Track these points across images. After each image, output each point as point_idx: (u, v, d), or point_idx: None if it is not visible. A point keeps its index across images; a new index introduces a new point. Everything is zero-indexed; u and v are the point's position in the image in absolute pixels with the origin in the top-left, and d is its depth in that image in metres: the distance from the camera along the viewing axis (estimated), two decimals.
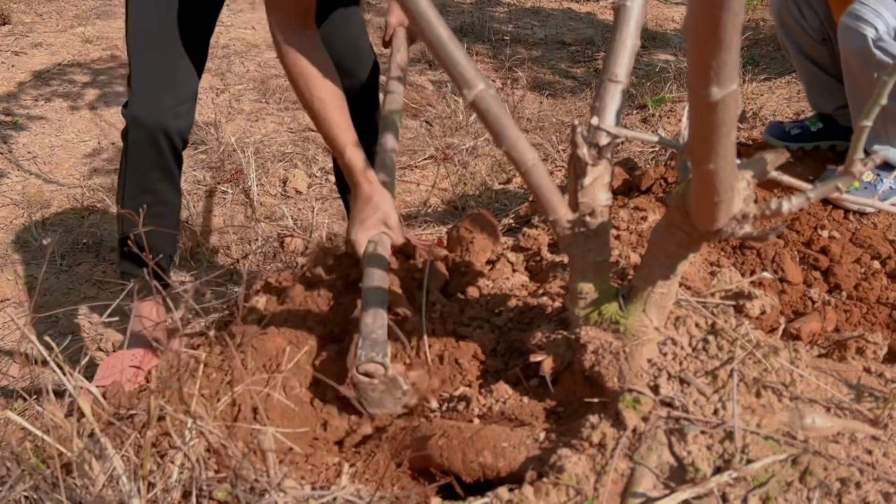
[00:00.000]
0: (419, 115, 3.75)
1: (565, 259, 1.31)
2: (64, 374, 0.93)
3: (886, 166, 1.44)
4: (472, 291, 1.28)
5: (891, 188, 1.44)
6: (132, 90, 1.50)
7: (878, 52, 1.28)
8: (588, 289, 0.99)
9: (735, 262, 1.35)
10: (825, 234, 1.40)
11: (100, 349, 2.22)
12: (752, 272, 1.32)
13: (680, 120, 2.65)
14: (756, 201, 0.86)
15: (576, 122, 0.94)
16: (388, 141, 1.52)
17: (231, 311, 1.47)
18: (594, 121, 0.91)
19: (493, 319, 1.22)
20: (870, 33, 1.28)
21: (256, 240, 2.68)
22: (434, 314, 1.22)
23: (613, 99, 0.95)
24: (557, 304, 1.20)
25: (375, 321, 1.15)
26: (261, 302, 1.31)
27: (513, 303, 1.24)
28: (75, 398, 0.90)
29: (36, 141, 3.43)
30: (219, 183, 3.10)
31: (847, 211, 1.44)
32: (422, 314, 1.21)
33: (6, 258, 2.62)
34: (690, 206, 0.83)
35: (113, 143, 3.44)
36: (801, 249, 1.38)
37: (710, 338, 0.95)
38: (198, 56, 1.55)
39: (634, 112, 3.02)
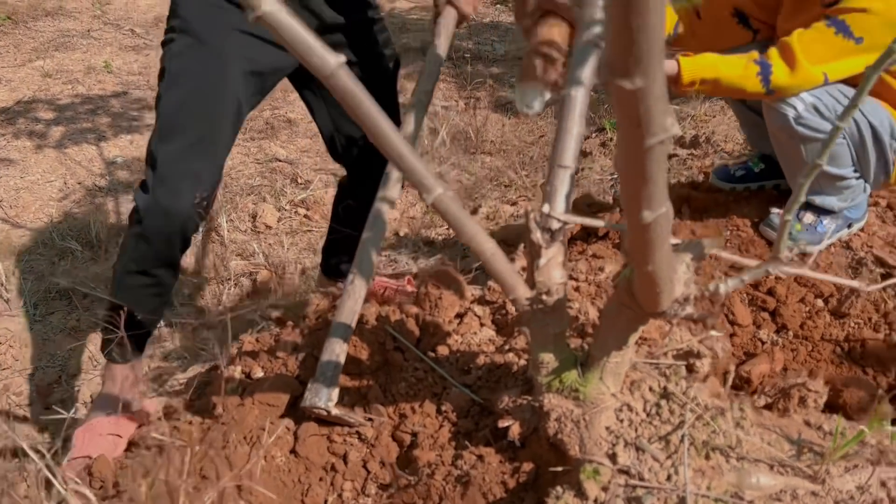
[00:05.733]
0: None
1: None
2: (55, 476, 0.97)
3: (825, 210, 1.53)
4: (442, 350, 1.34)
5: (830, 229, 1.53)
6: (156, 177, 1.37)
7: (800, 129, 1.38)
8: (549, 359, 1.05)
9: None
10: (770, 275, 1.48)
11: (79, 401, 2.24)
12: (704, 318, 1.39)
13: None
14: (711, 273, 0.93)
15: (529, 208, 1.00)
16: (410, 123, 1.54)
17: (208, 378, 1.51)
18: (545, 208, 0.98)
19: (463, 378, 1.28)
20: (790, 113, 1.38)
21: (229, 278, 2.71)
22: (411, 377, 1.28)
23: (563, 184, 1.02)
24: (523, 361, 1.26)
25: (332, 354, 1.24)
26: (237, 370, 1.36)
27: (481, 360, 1.30)
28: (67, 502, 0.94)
29: (0, 184, 3.41)
30: None
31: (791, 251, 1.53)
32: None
33: None
34: (636, 291, 0.90)
35: (80, 184, 3.43)
36: (749, 292, 1.47)
37: (663, 402, 1.02)
38: (230, 141, 1.45)
39: (594, 135, 3.10)
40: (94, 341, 2.46)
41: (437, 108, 4.00)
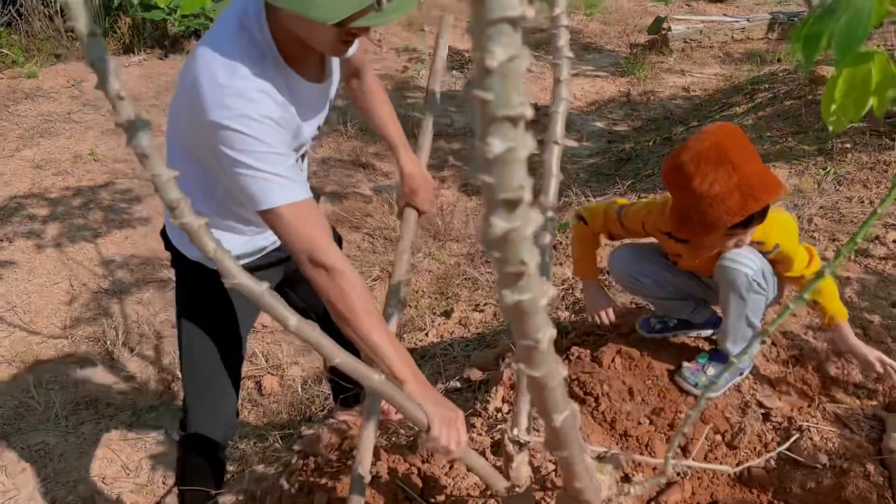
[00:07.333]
0: (361, 228, 4.21)
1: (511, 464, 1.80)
2: None
3: (725, 359, 2.01)
4: (440, 497, 1.78)
5: (727, 378, 2.01)
6: (190, 418, 1.76)
7: (754, 283, 1.83)
8: None
9: (621, 446, 1.90)
10: (682, 416, 1.96)
11: None
12: (636, 453, 1.86)
13: None
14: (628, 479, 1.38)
15: (506, 426, 1.45)
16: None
17: None
18: (515, 432, 1.43)
19: None
20: (748, 272, 1.79)
21: None
22: None
23: (525, 405, 1.47)
24: None
25: None
26: None
27: None
28: None
29: (12, 289, 3.70)
30: None
31: (697, 397, 2.01)
32: None
33: (13, 424, 2.94)
34: (572, 494, 1.36)
35: (84, 285, 3.76)
36: (665, 432, 1.93)
37: None
38: (239, 375, 1.81)
39: None
40: (126, 451, 2.83)
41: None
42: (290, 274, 1.91)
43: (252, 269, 1.70)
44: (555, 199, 1.49)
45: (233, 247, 1.65)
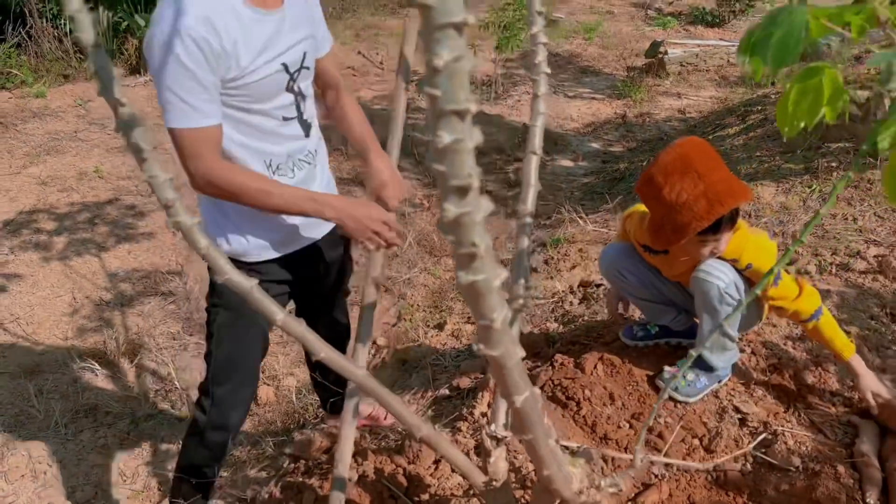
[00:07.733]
0: (357, 242, 4.29)
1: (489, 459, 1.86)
2: None
3: (704, 366, 2.07)
4: (425, 497, 1.84)
5: (705, 384, 2.07)
6: (213, 406, 1.85)
7: (725, 296, 1.88)
8: None
9: (598, 446, 1.95)
10: (661, 420, 2.02)
11: None
12: (614, 456, 1.92)
13: (574, 266, 3.26)
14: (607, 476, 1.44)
15: (483, 422, 1.51)
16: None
17: None
18: (492, 427, 1.49)
19: None
20: (720, 284, 1.84)
21: None
22: None
23: (503, 405, 1.53)
24: None
25: None
26: None
27: None
28: None
29: (16, 301, 3.78)
30: (191, 335, 3.56)
31: (676, 401, 2.07)
32: None
33: (14, 432, 3.01)
34: (545, 484, 1.41)
35: (87, 297, 3.84)
36: (647, 436, 1.99)
37: None
38: (259, 367, 1.94)
39: (537, 250, 3.64)
40: (122, 458, 2.88)
41: (405, 210, 4.50)
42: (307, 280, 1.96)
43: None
44: (533, 208, 1.57)
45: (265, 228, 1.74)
